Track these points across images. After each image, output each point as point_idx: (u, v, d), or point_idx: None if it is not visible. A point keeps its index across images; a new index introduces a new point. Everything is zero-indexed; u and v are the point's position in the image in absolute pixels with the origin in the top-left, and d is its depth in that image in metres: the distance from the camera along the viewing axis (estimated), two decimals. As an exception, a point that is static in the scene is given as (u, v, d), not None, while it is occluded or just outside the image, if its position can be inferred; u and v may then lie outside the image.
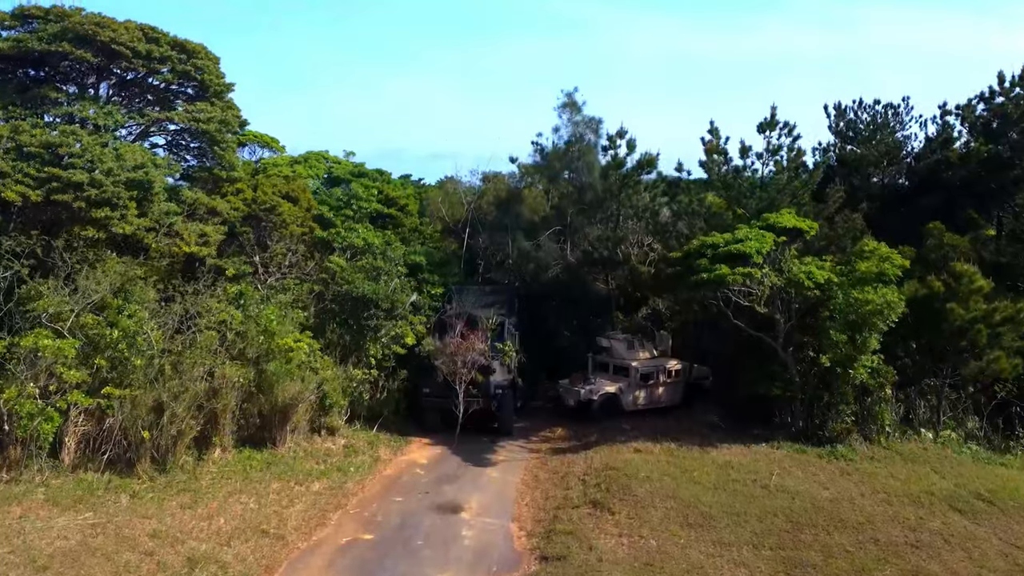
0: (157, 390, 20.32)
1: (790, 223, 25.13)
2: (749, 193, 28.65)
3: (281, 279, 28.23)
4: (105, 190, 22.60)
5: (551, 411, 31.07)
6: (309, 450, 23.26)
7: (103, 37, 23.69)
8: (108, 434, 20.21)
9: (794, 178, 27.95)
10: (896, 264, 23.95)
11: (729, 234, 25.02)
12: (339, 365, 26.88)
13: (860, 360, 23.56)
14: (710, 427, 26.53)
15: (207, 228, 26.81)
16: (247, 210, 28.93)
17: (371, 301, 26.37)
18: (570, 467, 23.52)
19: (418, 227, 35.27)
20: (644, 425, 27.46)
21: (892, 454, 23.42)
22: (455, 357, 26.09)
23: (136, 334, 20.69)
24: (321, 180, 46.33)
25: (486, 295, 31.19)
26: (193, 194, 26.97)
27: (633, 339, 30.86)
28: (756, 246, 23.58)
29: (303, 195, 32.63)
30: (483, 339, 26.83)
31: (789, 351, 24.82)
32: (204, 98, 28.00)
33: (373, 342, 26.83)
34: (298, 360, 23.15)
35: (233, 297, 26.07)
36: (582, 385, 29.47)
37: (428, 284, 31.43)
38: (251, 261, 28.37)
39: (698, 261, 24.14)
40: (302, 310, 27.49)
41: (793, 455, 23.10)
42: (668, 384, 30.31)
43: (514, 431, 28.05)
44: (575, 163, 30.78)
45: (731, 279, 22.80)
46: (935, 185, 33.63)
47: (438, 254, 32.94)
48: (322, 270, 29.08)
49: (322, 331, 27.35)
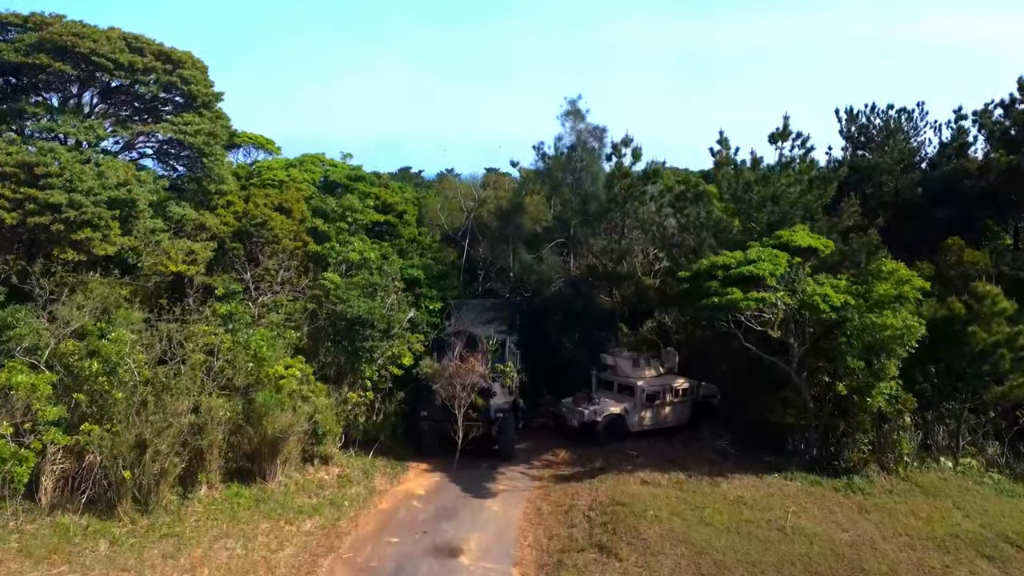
0: (139, 426, 19.24)
1: (805, 242, 23.98)
2: (760, 207, 27.48)
3: (273, 296, 27.11)
4: (85, 211, 21.51)
5: (553, 430, 29.99)
6: (301, 482, 22.20)
7: (82, 48, 22.52)
8: (88, 472, 19.18)
9: (807, 192, 26.77)
10: (916, 287, 22.80)
11: (740, 253, 23.88)
12: (333, 388, 25.88)
13: (878, 387, 22.48)
14: (720, 453, 25.46)
15: (195, 245, 25.74)
16: (238, 224, 27.85)
17: (366, 321, 25.25)
18: (574, 499, 22.47)
19: (416, 238, 34.12)
20: (651, 450, 26.42)
21: (911, 487, 22.37)
22: (454, 380, 25.03)
23: (117, 365, 19.60)
24: (317, 184, 45.25)
25: (486, 311, 30.09)
26: (180, 209, 25.86)
27: (639, 356, 29.79)
28: (770, 268, 22.45)
29: (296, 206, 31.50)
30: (483, 361, 25.77)
31: (803, 376, 23.73)
32: (192, 108, 26.87)
33: (368, 364, 25.74)
34: (289, 389, 22.07)
35: (223, 317, 25.02)
36: (586, 405, 28.41)
37: (426, 299, 30.33)
38: (242, 278, 27.27)
39: (708, 283, 23.00)
40: (295, 330, 26.44)
41: (808, 488, 22.05)
42: (675, 403, 29.26)
43: (515, 454, 26.99)
44: (579, 173, 29.64)
45: (744, 305, 21.68)
46: (952, 195, 32.48)
47: (437, 267, 31.83)
48: (315, 287, 27.98)
49: (315, 352, 26.30)
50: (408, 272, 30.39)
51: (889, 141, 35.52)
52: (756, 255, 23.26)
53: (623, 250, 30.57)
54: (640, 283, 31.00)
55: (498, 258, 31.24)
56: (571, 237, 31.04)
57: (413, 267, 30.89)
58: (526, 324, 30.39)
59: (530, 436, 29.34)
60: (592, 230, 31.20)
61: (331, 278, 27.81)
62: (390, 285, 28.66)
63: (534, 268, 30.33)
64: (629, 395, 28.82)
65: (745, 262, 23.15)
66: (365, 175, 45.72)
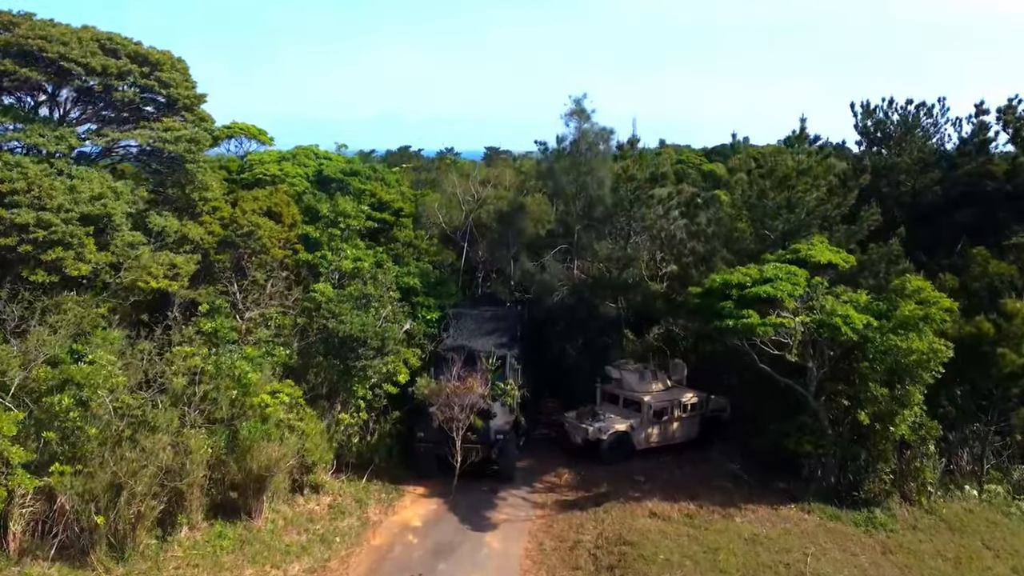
0: (115, 465, 17.95)
1: (824, 258, 22.57)
2: (775, 214, 26.02)
3: (261, 311, 25.72)
4: (55, 230, 20.04)
5: (555, 442, 28.76)
6: (290, 516, 20.96)
7: (51, 53, 20.93)
8: (59, 516, 17.93)
9: (825, 200, 25.27)
10: (943, 308, 21.38)
11: (756, 269, 22.46)
12: (326, 404, 24.63)
13: (902, 415, 21.16)
14: (731, 479, 24.21)
15: (177, 258, 24.26)
16: (223, 234, 26.35)
17: (359, 340, 23.89)
18: (579, 532, 21.29)
19: (412, 241, 32.62)
20: (658, 473, 25.21)
21: (936, 521, 21.16)
22: (452, 401, 23.74)
23: (90, 398, 18.29)
24: (310, 178, 43.67)
25: (486, 321, 28.68)
26: (162, 220, 24.35)
27: (645, 369, 28.45)
28: (788, 288, 21.04)
29: (287, 210, 30.00)
30: (483, 381, 24.47)
31: (821, 401, 22.41)
32: (174, 110, 25.30)
33: (361, 383, 24.42)
34: (276, 418, 20.77)
35: (207, 335, 23.69)
36: (590, 422, 27.14)
37: (423, 308, 28.94)
38: (228, 291, 25.87)
39: (722, 303, 21.61)
40: (284, 346, 25.10)
41: (827, 524, 20.82)
42: (683, 419, 27.99)
43: (516, 475, 25.73)
44: (583, 177, 28.09)
45: (762, 331, 20.30)
46: (973, 197, 30.98)
47: (434, 274, 30.39)
48: (306, 299, 26.58)
49: (306, 370, 24.98)
50: (404, 280, 28.98)
51: (907, 138, 33.94)
52: (773, 273, 21.84)
53: (629, 256, 29.10)
54: (647, 290, 29.58)
55: (498, 263, 29.78)
56: (575, 242, 29.57)
57: (409, 274, 29.46)
58: (527, 333, 29.05)
59: (532, 450, 28.12)
60: (597, 233, 29.70)
61: (322, 290, 26.42)
62: (385, 295, 27.30)
63: (536, 276, 28.89)
64: (635, 410, 27.54)
65: (761, 280, 21.73)
66: (360, 169, 44.17)
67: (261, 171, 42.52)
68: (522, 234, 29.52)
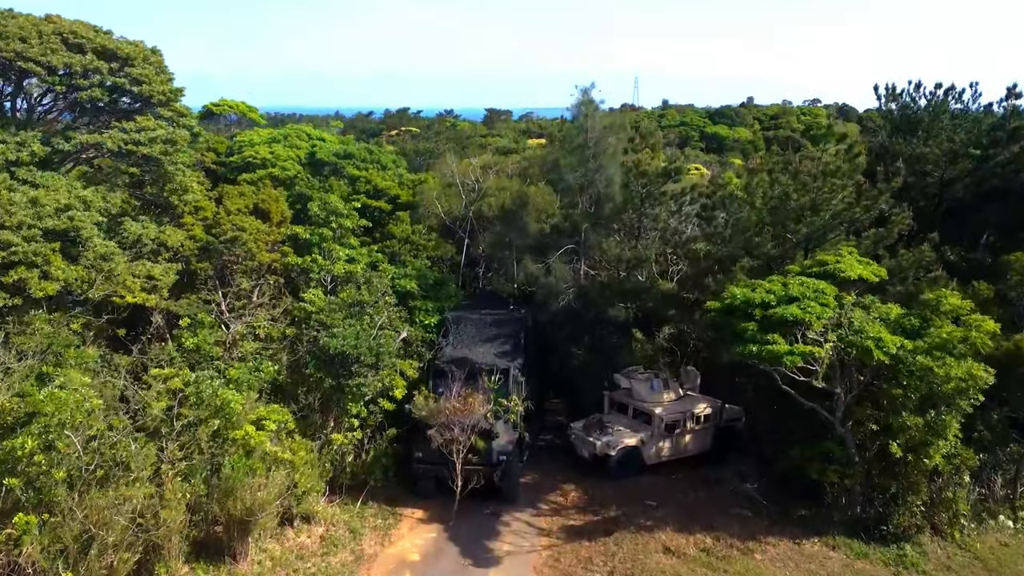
0: (84, 512, 16.48)
1: (855, 272, 20.81)
2: (798, 217, 24.20)
3: (248, 322, 24.07)
4: (16, 250, 18.31)
5: (559, 452, 27.38)
6: (278, 556, 19.55)
7: (6, 52, 18.95)
8: (25, 568, 16.48)
9: (854, 204, 23.44)
10: (986, 331, 19.69)
11: (779, 283, 20.73)
12: (317, 426, 23.17)
13: (936, 445, 19.63)
14: (749, 503, 22.79)
15: (155, 269, 22.62)
16: (206, 239, 24.60)
17: (351, 357, 22.29)
18: (588, 568, 19.96)
19: (410, 237, 30.80)
20: (670, 494, 23.83)
21: (971, 558, 19.76)
22: (451, 422, 22.23)
23: (56, 438, 16.74)
24: (303, 161, 41.70)
25: (487, 326, 27.02)
26: (138, 227, 22.62)
27: (656, 378, 26.90)
28: (817, 311, 19.33)
29: (275, 207, 28.18)
30: (484, 400, 22.95)
31: (848, 425, 20.86)
32: (149, 106, 23.37)
33: (355, 401, 22.88)
34: (261, 450, 19.25)
35: (189, 352, 22.11)
36: (598, 435, 25.69)
37: (421, 312, 27.29)
38: (211, 301, 24.20)
39: (744, 325, 19.93)
40: (272, 359, 23.53)
41: (854, 564, 19.41)
42: (696, 431, 26.53)
43: (519, 492, 24.34)
44: (592, 174, 26.20)
45: (789, 361, 18.64)
46: (1005, 192, 29.08)
47: (433, 274, 28.65)
48: (295, 308, 24.93)
49: (297, 385, 23.44)
50: (400, 284, 27.28)
51: (935, 124, 31.88)
52: (799, 291, 20.10)
53: (639, 257, 27.32)
54: (659, 292, 27.84)
55: (501, 265, 28.05)
56: (581, 241, 27.77)
57: (406, 276, 27.72)
58: (532, 339, 27.41)
59: (535, 459, 26.79)
60: (605, 231, 27.90)
61: (312, 298, 24.76)
62: (380, 301, 25.65)
63: (541, 279, 27.16)
64: (645, 422, 26.09)
65: (786, 299, 20.01)
66: (355, 151, 42.23)
67: (251, 153, 40.67)
68: (525, 231, 27.69)
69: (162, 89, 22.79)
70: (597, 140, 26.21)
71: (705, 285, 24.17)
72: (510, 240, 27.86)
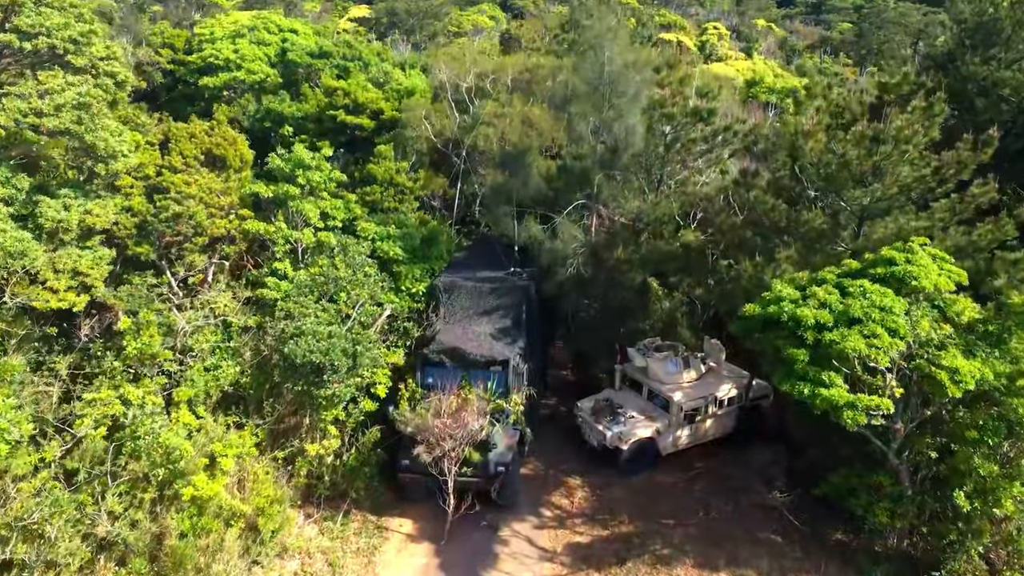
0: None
1: (929, 280, 16.91)
2: (856, 183, 20.03)
3: (203, 312, 20.53)
4: None
5: (564, 432, 24.63)
6: (245, 611, 17.19)
7: None
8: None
9: (932, 176, 19.19)
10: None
11: (835, 295, 16.94)
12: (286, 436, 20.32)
13: (1009, 491, 16.69)
14: (778, 524, 20.18)
15: (84, 261, 18.83)
16: (147, 210, 20.54)
17: (321, 367, 18.97)
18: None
19: (394, 178, 26.48)
20: (688, 504, 21.31)
21: (1034, 613, 17.33)
22: (442, 436, 19.30)
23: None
24: (272, 61, 36.34)
25: (484, 297, 23.46)
26: (56, 209, 18.57)
27: (676, 356, 23.70)
28: (886, 342, 15.70)
29: (231, 151, 23.81)
30: (479, 412, 19.86)
31: (905, 457, 17.83)
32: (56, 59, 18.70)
33: (329, 409, 19.82)
34: (216, 505, 16.38)
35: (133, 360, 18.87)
36: (608, 422, 22.84)
37: (407, 279, 23.62)
38: (155, 289, 20.55)
39: (791, 351, 16.40)
40: (234, 356, 20.29)
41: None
42: (719, 415, 23.68)
43: (520, 489, 21.83)
44: (609, 123, 21.62)
45: (849, 417, 15.22)
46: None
47: (420, 233, 24.69)
48: (257, 289, 21.31)
49: (263, 385, 20.33)
50: (382, 249, 23.44)
51: (1018, 37, 26.66)
52: (861, 309, 16.36)
53: (661, 212, 23.30)
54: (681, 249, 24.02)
55: (500, 226, 24.00)
56: (593, 195, 23.59)
57: (389, 238, 23.80)
58: (534, 308, 23.93)
59: (539, 438, 24.02)
60: (623, 181, 23.67)
61: (276, 284, 21.10)
62: (358, 274, 22.03)
63: (546, 244, 23.25)
64: (662, 407, 23.17)
65: (845, 319, 16.35)
66: (331, 48, 36.81)
67: (211, 52, 35.46)
68: (528, 183, 23.46)
69: (68, 35, 17.99)
70: (616, 78, 21.38)
71: (738, 269, 20.41)
72: (510, 189, 23.65)
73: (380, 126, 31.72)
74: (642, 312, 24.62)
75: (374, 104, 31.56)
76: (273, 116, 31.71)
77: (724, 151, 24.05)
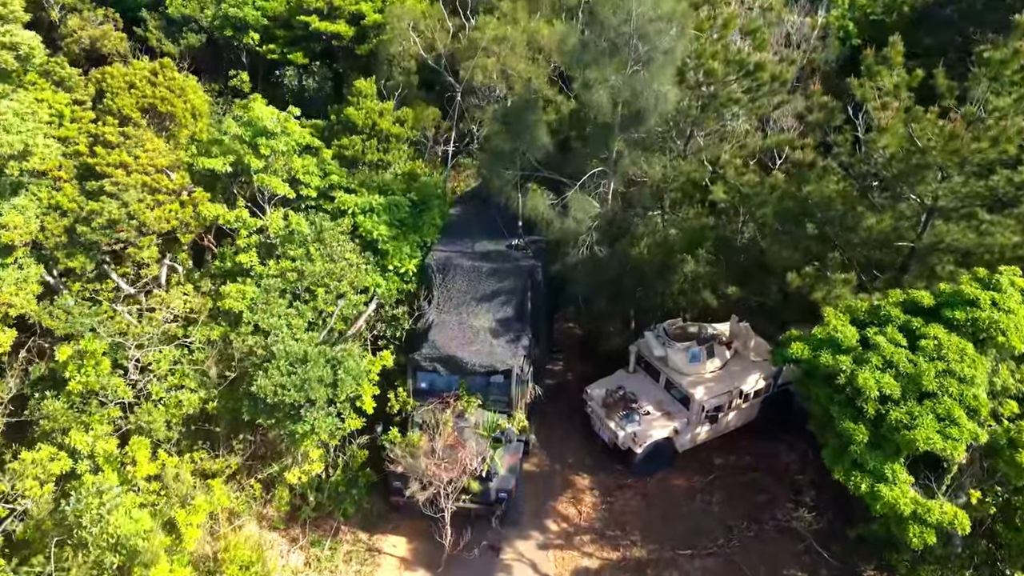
0: None
1: (1021, 338, 14.00)
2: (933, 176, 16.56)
3: (154, 327, 17.65)
4: None
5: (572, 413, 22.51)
6: None
7: None
8: None
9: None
10: None
11: (904, 356, 14.05)
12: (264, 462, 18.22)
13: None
14: (806, 554, 18.48)
15: (5, 282, 15.78)
16: (75, 206, 17.11)
17: (296, 405, 16.42)
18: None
19: (376, 123, 22.43)
20: (706, 522, 19.55)
21: None
22: (437, 471, 17.21)
23: None
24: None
25: (483, 279, 20.50)
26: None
27: (697, 343, 21.06)
28: (967, 432, 13.05)
29: (181, 104, 19.93)
30: (477, 453, 17.60)
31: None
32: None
33: (305, 438, 17.50)
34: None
35: (79, 397, 16.38)
36: (621, 419, 20.66)
37: (395, 258, 20.47)
38: (99, 294, 17.57)
39: (847, 424, 13.82)
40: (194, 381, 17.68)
41: None
42: (742, 408, 21.48)
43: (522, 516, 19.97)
44: (635, 91, 17.49)
45: (915, 537, 12.85)
46: None
47: (410, 195, 21.19)
48: (219, 299, 18.26)
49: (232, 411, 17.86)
50: (365, 228, 20.11)
51: None
52: (934, 382, 13.55)
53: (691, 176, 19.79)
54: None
55: (502, 193, 20.37)
56: (611, 159, 19.87)
57: (372, 211, 20.38)
58: (539, 289, 20.96)
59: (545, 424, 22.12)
60: (646, 147, 19.90)
61: (240, 292, 18.06)
62: (338, 265, 19.01)
63: (555, 223, 19.84)
64: (681, 401, 20.88)
65: (916, 392, 13.62)
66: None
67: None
68: (535, 144, 19.63)
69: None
70: (642, 36, 17.06)
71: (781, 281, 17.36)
72: (514, 150, 19.88)
73: (361, 32, 27.14)
74: (661, 282, 21.70)
75: (352, 5, 26.78)
76: (234, 22, 26.94)
77: (770, 100, 20.07)
